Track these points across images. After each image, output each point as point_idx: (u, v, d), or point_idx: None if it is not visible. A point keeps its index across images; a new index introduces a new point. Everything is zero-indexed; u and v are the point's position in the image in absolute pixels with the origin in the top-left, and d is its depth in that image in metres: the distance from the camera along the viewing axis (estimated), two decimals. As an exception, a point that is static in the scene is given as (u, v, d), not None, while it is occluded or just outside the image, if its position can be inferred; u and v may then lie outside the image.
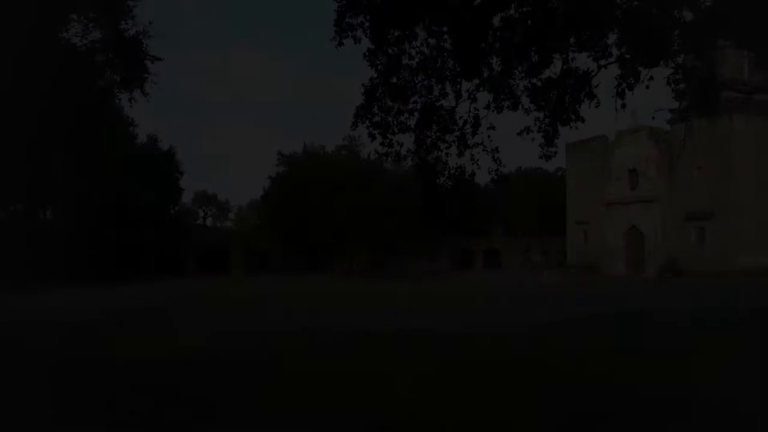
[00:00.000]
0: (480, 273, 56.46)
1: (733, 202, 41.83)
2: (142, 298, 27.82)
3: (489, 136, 8.23)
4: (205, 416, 7.05)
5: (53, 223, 48.01)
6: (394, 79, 7.81)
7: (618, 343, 12.02)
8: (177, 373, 9.30)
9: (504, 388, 8.05)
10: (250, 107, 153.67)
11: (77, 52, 10.07)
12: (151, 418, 6.93)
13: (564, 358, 10.19)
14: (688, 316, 17.60)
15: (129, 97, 11.26)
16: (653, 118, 32.95)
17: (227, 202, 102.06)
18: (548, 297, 26.92)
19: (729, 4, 7.89)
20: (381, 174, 56.45)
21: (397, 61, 7.62)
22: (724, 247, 42.17)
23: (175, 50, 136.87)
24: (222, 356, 10.98)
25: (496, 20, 8.08)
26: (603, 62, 8.08)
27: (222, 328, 15.46)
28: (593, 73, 8.19)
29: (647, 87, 8.34)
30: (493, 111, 8.36)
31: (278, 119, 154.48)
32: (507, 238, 69.36)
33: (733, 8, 7.86)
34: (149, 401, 7.59)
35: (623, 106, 7.98)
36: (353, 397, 7.70)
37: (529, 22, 8.31)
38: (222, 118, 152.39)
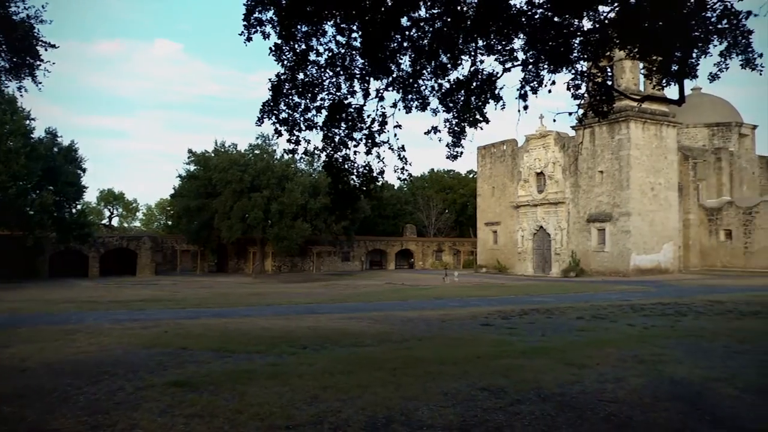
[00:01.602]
0: (391, 273, 56.91)
1: (629, 205, 44.25)
2: None
3: (395, 135, 8.28)
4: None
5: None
6: (302, 76, 7.72)
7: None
8: None
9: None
10: (162, 102, 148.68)
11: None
12: None
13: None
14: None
15: (18, 85, 10.52)
16: (554, 120, 34.37)
17: (135, 201, 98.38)
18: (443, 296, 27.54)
19: (624, 16, 8.31)
20: (295, 174, 55.96)
21: (305, 57, 7.51)
22: (622, 247, 44.54)
23: (81, 41, 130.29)
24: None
25: (405, 21, 8.15)
26: (508, 65, 8.31)
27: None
28: (498, 75, 8.41)
29: (549, 91, 8.67)
30: (400, 110, 8.43)
31: (190, 116, 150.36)
32: (420, 239, 70.42)
33: (627, 20, 8.29)
34: None
35: (525, 107, 8.28)
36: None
37: (438, 23, 8.44)
38: (131, 113, 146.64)
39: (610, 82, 9.26)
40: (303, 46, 7.44)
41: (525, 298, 25.97)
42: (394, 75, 8.44)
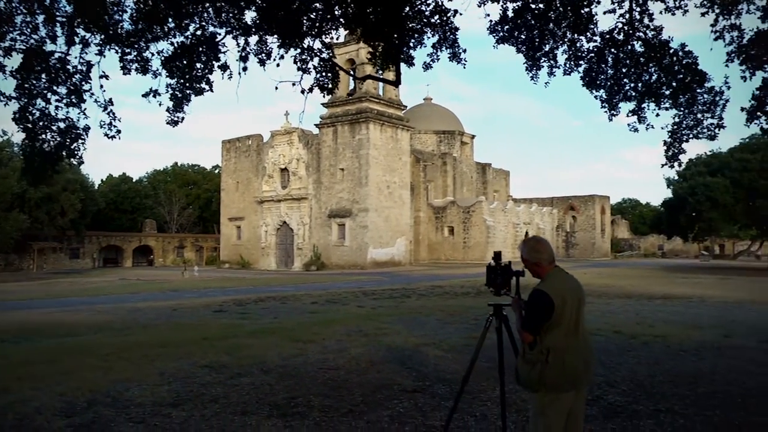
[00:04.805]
0: (128, 270, 52.98)
1: (367, 202, 46.95)
2: None
3: (102, 87, 7.53)
4: None
5: None
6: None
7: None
8: None
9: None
10: None
11: None
12: None
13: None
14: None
15: None
16: (276, 88, 34.70)
17: None
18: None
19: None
20: (11, 158, 49.04)
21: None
22: (360, 241, 47.07)
23: None
24: None
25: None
26: (232, 31, 8.05)
27: None
28: (220, 38, 8.12)
29: (278, 65, 8.66)
30: (105, 57, 7.63)
31: None
32: (160, 235, 66.69)
33: (353, 4, 8.63)
34: None
35: (245, 69, 8.17)
36: None
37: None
38: None
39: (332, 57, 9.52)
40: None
41: (264, 288, 25.94)
42: (111, 32, 7.67)
